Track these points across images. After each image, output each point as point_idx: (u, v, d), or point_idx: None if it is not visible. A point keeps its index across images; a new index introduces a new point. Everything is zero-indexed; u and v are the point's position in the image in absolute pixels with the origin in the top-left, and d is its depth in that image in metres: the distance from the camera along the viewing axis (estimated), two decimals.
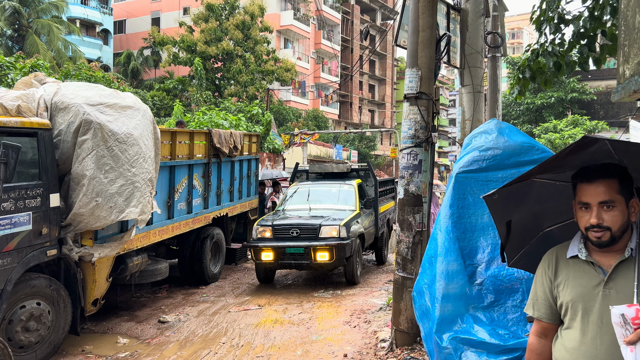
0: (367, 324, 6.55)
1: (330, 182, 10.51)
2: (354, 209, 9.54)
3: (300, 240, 8.47)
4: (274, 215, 9.46)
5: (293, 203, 9.88)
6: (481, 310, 3.51)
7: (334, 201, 9.79)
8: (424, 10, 5.22)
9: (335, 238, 8.42)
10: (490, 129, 3.88)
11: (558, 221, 2.40)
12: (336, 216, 8.94)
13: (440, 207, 3.84)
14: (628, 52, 3.97)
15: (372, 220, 10.38)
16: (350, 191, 10.01)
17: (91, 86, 6.67)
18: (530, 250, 2.44)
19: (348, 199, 9.82)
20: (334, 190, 10.18)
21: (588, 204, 1.95)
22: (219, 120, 16.08)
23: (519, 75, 6.11)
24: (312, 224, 8.63)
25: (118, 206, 5.89)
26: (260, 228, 8.87)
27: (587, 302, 1.97)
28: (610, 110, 32.46)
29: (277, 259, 8.50)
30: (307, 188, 10.30)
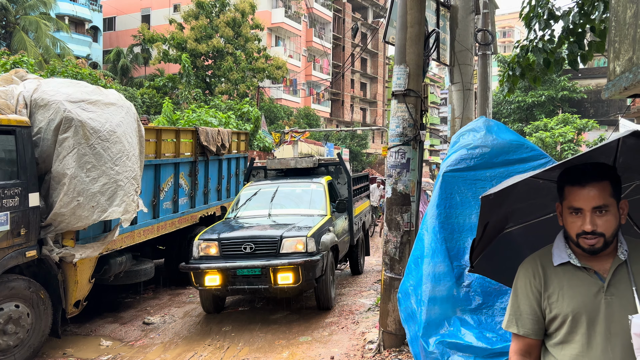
0: (355, 325, 6.45)
1: (293, 181, 8.61)
2: (324, 213, 7.71)
3: (256, 258, 6.50)
4: (222, 225, 7.40)
5: (247, 208, 7.96)
6: (469, 313, 3.42)
7: (299, 204, 7.97)
8: (412, 6, 5.12)
9: (301, 254, 6.54)
10: (478, 127, 3.79)
11: (521, 221, 2.24)
12: (302, 224, 7.10)
13: (427, 207, 3.74)
14: (619, 49, 3.90)
15: (346, 226, 8.74)
16: (319, 191, 8.18)
17: (73, 83, 6.52)
18: (487, 254, 2.26)
19: (316, 201, 8.00)
20: (299, 190, 8.36)
21: (580, 209, 1.80)
22: (208, 118, 15.89)
23: (509, 72, 6.03)
24: (271, 236, 6.68)
25: (100, 205, 5.75)
26: (202, 243, 6.78)
27: (591, 313, 1.79)
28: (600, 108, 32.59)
29: (225, 283, 6.48)
30: (265, 189, 8.41)
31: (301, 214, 7.65)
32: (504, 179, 3.70)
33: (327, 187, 8.32)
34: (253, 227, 7.20)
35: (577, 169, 1.85)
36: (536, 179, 2.10)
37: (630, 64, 3.63)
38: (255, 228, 7.15)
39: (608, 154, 2.02)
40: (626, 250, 1.85)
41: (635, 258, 1.86)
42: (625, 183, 2.13)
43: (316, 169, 9.17)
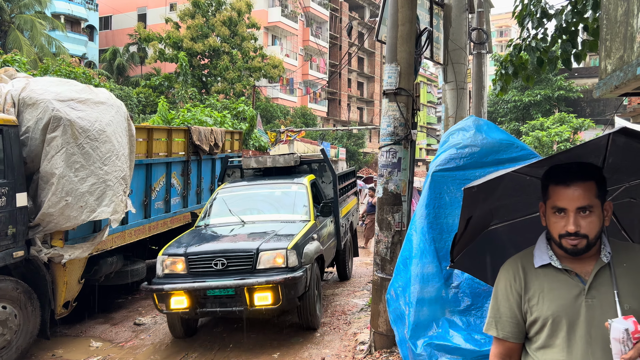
0: (347, 326, 6.41)
1: (272, 182, 7.72)
2: (307, 218, 6.86)
3: (229, 276, 5.67)
4: (191, 237, 6.50)
5: (220, 215, 7.02)
6: (457, 314, 3.38)
7: (279, 209, 7.10)
8: (404, 4, 5.08)
9: (281, 269, 5.72)
10: (467, 126, 3.75)
11: (507, 219, 2.20)
12: (282, 233, 6.27)
13: (416, 208, 3.70)
14: (610, 47, 3.85)
15: (332, 230, 7.85)
16: (301, 193, 7.28)
17: (62, 81, 6.45)
18: (471, 250, 2.22)
19: (298, 204, 7.12)
20: (278, 192, 7.47)
21: (564, 209, 1.75)
22: (203, 117, 15.84)
23: (501, 71, 5.99)
24: (246, 250, 5.80)
25: (89, 206, 5.70)
26: (167, 259, 5.91)
27: (571, 316, 1.76)
28: (596, 108, 32.61)
29: (194, 305, 5.65)
30: (241, 191, 7.55)
31: (281, 220, 6.79)
32: None
33: (310, 188, 7.42)
34: (226, 238, 6.34)
35: (563, 168, 1.80)
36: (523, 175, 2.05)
37: (622, 62, 3.59)
38: (228, 239, 6.28)
39: (597, 153, 1.97)
40: (609, 253, 1.81)
41: (619, 261, 1.81)
42: (614, 185, 2.09)
43: (298, 167, 8.33)
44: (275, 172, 8.22)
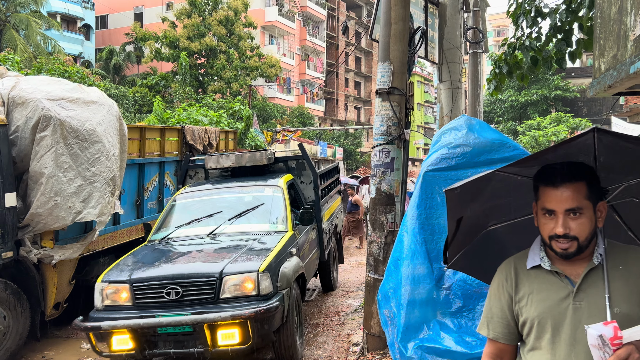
0: (340, 327, 6.36)
1: (242, 185, 6.56)
2: (283, 228, 5.80)
3: (185, 308, 4.56)
4: (140, 256, 5.37)
5: (177, 226, 5.92)
6: (449, 316, 3.34)
7: (249, 218, 5.90)
8: (396, 2, 5.02)
9: (251, 298, 4.60)
10: (459, 125, 3.71)
11: (505, 219, 2.17)
12: (254, 248, 5.20)
13: (407, 208, 3.65)
14: (603, 45, 3.82)
15: (315, 238, 6.83)
16: (276, 197, 6.17)
17: (53, 80, 6.39)
18: (469, 251, 2.19)
19: (273, 211, 6.03)
20: (249, 197, 6.24)
21: (553, 211, 1.71)
22: (199, 116, 15.77)
23: (496, 70, 5.95)
24: (207, 274, 4.67)
25: (76, 207, 5.65)
26: (107, 287, 4.76)
27: (556, 318, 1.72)
28: (593, 107, 32.64)
29: (141, 346, 4.60)
30: (202, 197, 6.38)
31: (252, 231, 5.68)
32: None
33: (287, 191, 6.31)
34: (182, 258, 5.17)
35: (552, 168, 1.75)
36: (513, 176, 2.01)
37: (615, 61, 3.55)
38: (185, 260, 5.12)
39: (587, 152, 1.92)
40: (601, 255, 1.76)
41: (615, 264, 1.76)
42: (612, 184, 2.03)
43: (273, 166, 7.29)
44: (246, 172, 7.09)
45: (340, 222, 9.22)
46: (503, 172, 1.93)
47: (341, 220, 9.51)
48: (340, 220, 9.35)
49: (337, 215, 8.90)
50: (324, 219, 7.30)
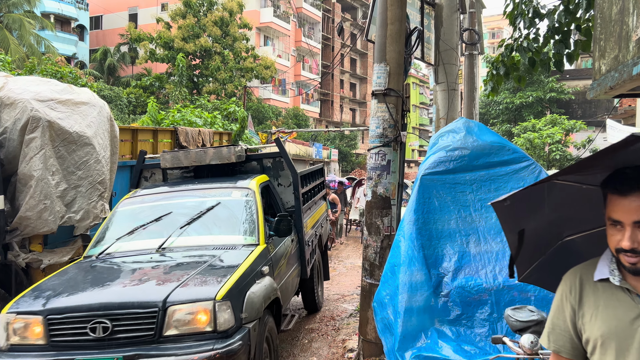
0: (335, 332, 6.26)
1: (205, 187, 5.58)
2: (253, 241, 4.77)
3: (115, 349, 3.54)
4: (63, 278, 4.24)
5: (121, 238, 4.87)
6: (447, 324, 3.25)
7: (212, 228, 4.98)
8: (393, 2, 4.94)
9: (205, 337, 3.60)
10: (457, 128, 3.63)
11: (581, 229, 2.00)
12: (214, 266, 4.18)
13: (404, 213, 3.57)
14: (604, 47, 3.74)
15: (294, 253, 5.84)
16: (246, 203, 5.16)
17: (43, 81, 6.27)
18: (545, 263, 2.05)
19: (241, 219, 5.05)
20: (211, 203, 5.11)
21: (620, 222, 1.53)
22: (193, 118, 15.63)
23: (493, 71, 5.88)
24: (145, 303, 3.64)
25: (61, 211, 5.55)
26: (15, 320, 3.67)
27: (623, 341, 1.53)
28: (588, 109, 32.70)
29: None
30: (155, 202, 5.32)
31: (214, 245, 4.66)
32: (485, 183, 3.56)
33: (259, 195, 5.27)
34: (117, 282, 4.00)
35: (622, 173, 1.56)
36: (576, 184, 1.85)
37: (616, 62, 3.47)
38: (119, 284, 3.96)
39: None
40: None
41: None
42: None
43: (244, 166, 6.23)
44: (213, 172, 6.09)
45: (326, 232, 8.04)
46: (562, 182, 1.80)
47: (327, 229, 8.26)
48: (326, 229, 8.14)
49: (323, 224, 7.73)
50: (306, 229, 6.21)
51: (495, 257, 3.30)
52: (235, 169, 6.22)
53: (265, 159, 6.31)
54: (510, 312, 2.66)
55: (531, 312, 2.62)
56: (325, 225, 8.01)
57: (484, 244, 3.34)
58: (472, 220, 3.41)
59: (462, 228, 3.41)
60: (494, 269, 3.27)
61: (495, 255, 3.30)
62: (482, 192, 3.47)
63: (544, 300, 3.15)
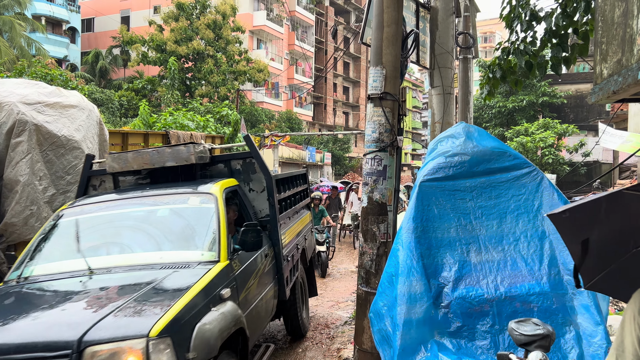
0: (330, 340, 6.13)
1: (157, 193, 4.65)
2: (212, 257, 3.91)
3: None
4: None
5: (51, 257, 4.14)
6: (447, 337, 3.14)
7: (162, 242, 4.22)
8: (389, 4, 4.84)
9: None
10: (457, 133, 3.53)
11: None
12: (157, 290, 3.33)
13: (402, 220, 3.46)
14: (606, 50, 3.65)
15: (268, 271, 4.90)
16: (205, 211, 4.31)
17: (30, 83, 6.13)
18: (616, 272, 1.99)
19: (198, 231, 4.26)
20: (164, 212, 4.43)
21: None
22: (185, 121, 15.49)
23: (489, 74, 5.80)
24: (53, 344, 2.73)
25: (49, 216, 5.39)
26: None
27: None
28: (580, 114, 32.84)
29: None
30: (98, 213, 4.51)
31: (163, 263, 3.77)
32: (486, 190, 3.45)
33: (222, 202, 4.33)
34: (28, 315, 3.12)
35: None
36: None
37: (620, 66, 3.37)
38: (29, 317, 3.09)
39: None
40: None
41: None
42: None
43: (210, 169, 5.33)
44: (174, 177, 5.19)
45: (311, 245, 7.19)
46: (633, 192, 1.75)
47: (312, 242, 7.38)
48: (311, 242, 7.27)
49: (307, 235, 6.85)
50: (284, 241, 5.41)
51: (497, 267, 3.19)
52: (199, 173, 5.31)
53: (234, 161, 5.37)
54: (514, 326, 2.55)
55: (536, 325, 2.51)
56: (309, 237, 7.12)
57: (485, 253, 3.23)
58: (472, 228, 3.31)
59: (462, 236, 3.30)
60: (495, 279, 3.17)
61: (497, 265, 3.20)
62: (482, 200, 3.37)
63: (547, 311, 3.05)
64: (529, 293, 3.09)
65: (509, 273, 3.17)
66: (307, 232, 6.91)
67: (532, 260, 3.18)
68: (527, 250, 3.21)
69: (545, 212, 3.27)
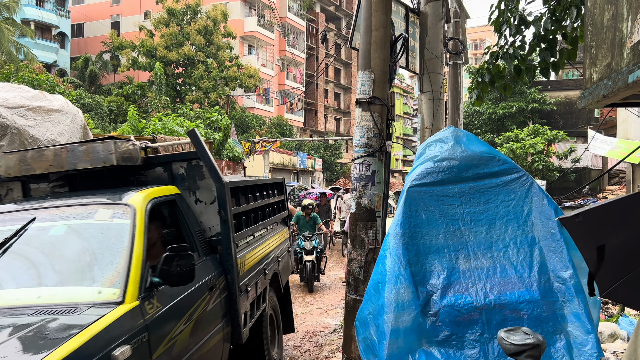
0: (318, 349, 6.04)
1: (58, 205, 3.47)
2: (114, 296, 2.76)
3: None
4: None
5: None
6: (435, 346, 3.06)
7: (45, 274, 3.04)
8: (377, 8, 4.79)
9: None
10: (446, 137, 3.47)
11: None
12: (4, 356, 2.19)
13: (389, 227, 3.38)
14: (595, 54, 3.61)
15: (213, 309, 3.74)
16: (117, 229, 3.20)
17: (13, 87, 5.99)
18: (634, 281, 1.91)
19: (97, 259, 3.09)
20: (57, 231, 3.29)
21: None
22: (175, 126, 15.37)
23: (478, 79, 5.76)
24: None
25: None
26: None
27: None
28: (569, 120, 33.05)
29: None
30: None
31: (37, 306, 2.70)
32: (474, 195, 3.39)
33: (143, 217, 3.29)
34: None
35: None
36: None
37: (609, 70, 3.32)
38: None
39: None
40: None
41: None
42: None
43: (144, 172, 4.27)
44: (98, 183, 4.21)
45: (287, 269, 6.13)
46: None
47: (289, 264, 6.26)
48: (287, 264, 6.16)
49: (281, 257, 5.72)
50: (244, 266, 4.30)
51: (486, 274, 3.12)
52: (133, 178, 4.28)
53: (176, 163, 4.21)
54: (504, 335, 2.48)
55: (526, 334, 2.44)
56: (285, 258, 5.98)
57: (474, 260, 3.16)
58: (461, 234, 3.24)
59: (450, 243, 3.23)
60: (484, 286, 3.10)
61: (486, 272, 3.13)
62: (471, 205, 3.30)
63: (537, 319, 2.99)
64: (518, 301, 3.03)
65: (499, 280, 3.10)
66: (282, 253, 5.81)
67: (521, 267, 3.12)
68: (517, 257, 3.15)
69: (535, 218, 3.21)
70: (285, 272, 5.98)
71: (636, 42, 2.92)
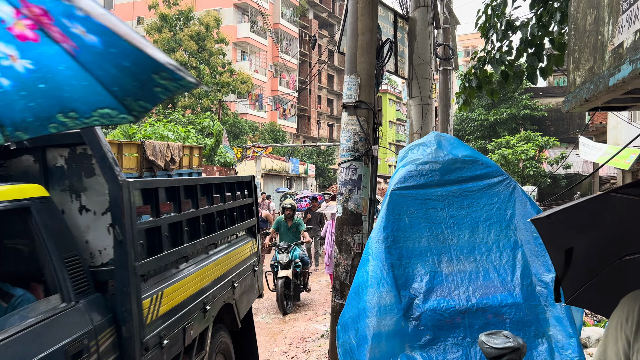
0: (306, 355, 5.99)
1: None
2: None
3: None
4: None
5: None
6: (418, 350, 3.03)
7: None
8: (363, 12, 4.80)
9: None
10: (428, 141, 3.47)
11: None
12: None
13: (372, 230, 3.36)
14: (579, 58, 3.62)
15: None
16: None
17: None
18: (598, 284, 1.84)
19: None
20: None
21: None
22: (166, 132, 15.29)
23: (465, 84, 5.77)
24: None
25: None
26: None
27: None
28: (560, 126, 33.26)
29: None
30: None
31: None
32: (457, 199, 3.37)
33: None
34: None
35: None
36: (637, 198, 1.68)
37: (591, 73, 3.33)
38: None
39: None
40: None
41: None
42: None
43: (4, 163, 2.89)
44: None
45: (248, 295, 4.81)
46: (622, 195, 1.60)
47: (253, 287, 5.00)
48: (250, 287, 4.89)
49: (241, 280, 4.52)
50: (153, 311, 2.82)
51: (469, 278, 3.11)
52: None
53: (53, 151, 2.85)
54: (485, 338, 2.46)
55: (506, 338, 2.43)
56: (249, 280, 4.82)
57: (456, 264, 3.15)
58: (444, 238, 3.22)
59: (433, 247, 3.22)
60: (467, 290, 3.08)
61: (469, 276, 3.12)
62: (454, 209, 3.29)
63: (519, 323, 2.97)
64: (501, 304, 3.01)
65: (481, 284, 3.09)
66: (243, 274, 4.60)
67: (504, 270, 3.10)
68: (500, 260, 3.13)
69: (518, 221, 3.20)
70: (247, 299, 4.72)
71: (617, 46, 2.92)
